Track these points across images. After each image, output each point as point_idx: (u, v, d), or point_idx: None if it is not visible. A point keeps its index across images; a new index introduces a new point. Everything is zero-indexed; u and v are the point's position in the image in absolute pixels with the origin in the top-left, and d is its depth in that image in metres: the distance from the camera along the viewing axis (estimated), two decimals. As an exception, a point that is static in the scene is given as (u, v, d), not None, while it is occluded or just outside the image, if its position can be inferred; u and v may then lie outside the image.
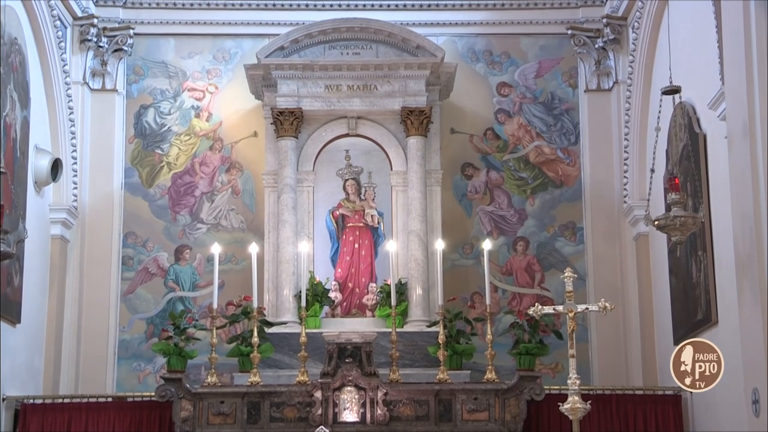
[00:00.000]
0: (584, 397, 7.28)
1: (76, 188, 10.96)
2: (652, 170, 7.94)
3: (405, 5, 11.63)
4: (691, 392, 9.44)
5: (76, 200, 10.96)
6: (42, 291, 10.42)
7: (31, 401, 9.59)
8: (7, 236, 7.68)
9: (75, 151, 10.96)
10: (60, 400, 9.73)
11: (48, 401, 9.68)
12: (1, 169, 8.19)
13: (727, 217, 7.91)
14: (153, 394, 9.51)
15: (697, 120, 8.90)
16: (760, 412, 7.17)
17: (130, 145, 11.49)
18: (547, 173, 11.53)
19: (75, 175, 10.97)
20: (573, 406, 6.93)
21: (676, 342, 9.70)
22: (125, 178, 11.42)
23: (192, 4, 11.66)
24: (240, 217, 11.43)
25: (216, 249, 9.82)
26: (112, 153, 11.35)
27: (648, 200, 8.02)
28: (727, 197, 7.84)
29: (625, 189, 11.01)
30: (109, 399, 9.86)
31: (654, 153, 8.06)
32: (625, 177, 11.01)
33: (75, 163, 10.96)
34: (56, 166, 10.39)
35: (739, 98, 7.24)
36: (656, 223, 7.34)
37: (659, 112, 8.13)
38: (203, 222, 11.40)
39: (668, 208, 7.37)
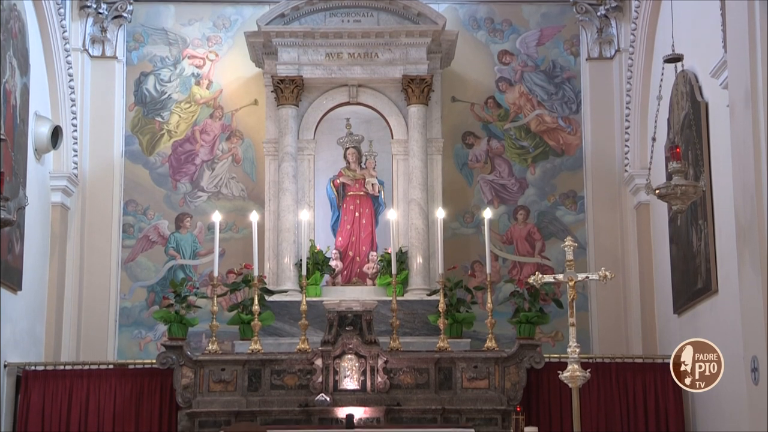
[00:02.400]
0: (584, 366, 7.30)
1: (76, 156, 10.94)
2: (654, 139, 7.91)
3: (406, -28, 11.54)
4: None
5: (76, 168, 10.94)
6: (43, 258, 10.43)
7: (33, 368, 9.63)
8: (7, 203, 7.68)
9: (75, 118, 10.93)
10: (61, 367, 9.77)
11: (50, 368, 9.72)
12: (2, 136, 8.17)
13: (728, 185, 7.90)
14: (154, 361, 9.55)
15: (699, 88, 8.86)
16: (759, 380, 7.20)
17: (131, 113, 11.46)
18: (548, 142, 11.50)
19: (75, 143, 10.94)
20: (572, 374, 6.95)
21: (676, 310, 9.73)
22: (125, 146, 11.40)
23: (192, -29, 11.59)
24: (240, 185, 11.41)
25: (216, 217, 9.83)
26: (113, 120, 11.32)
27: (649, 169, 8.01)
28: (728, 166, 7.83)
29: (626, 158, 10.99)
30: (111, 366, 9.90)
31: (655, 121, 8.03)
32: (626, 146, 10.98)
33: (75, 130, 10.94)
34: (56, 134, 10.37)
35: (742, 66, 7.20)
36: (657, 191, 7.33)
37: (661, 80, 8.08)
38: (204, 190, 11.39)
39: (669, 177, 7.36)
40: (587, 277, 7.58)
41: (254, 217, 9.78)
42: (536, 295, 9.59)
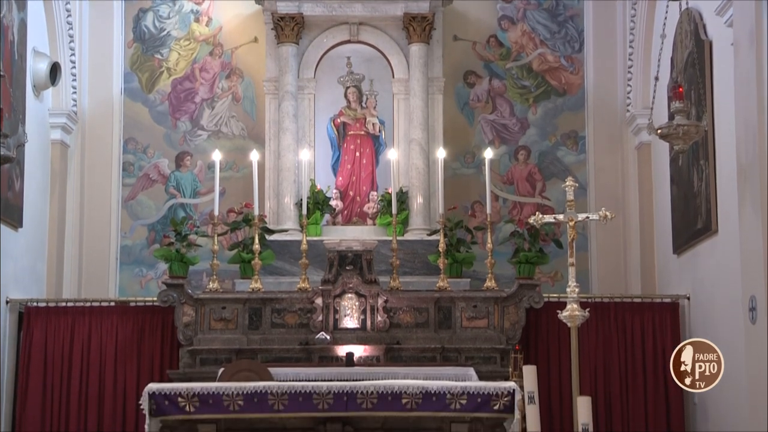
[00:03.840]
0: (583, 305, 7.31)
1: (75, 93, 10.88)
2: (657, 78, 7.85)
3: None
4: (688, 299, 9.57)
5: (75, 105, 10.89)
6: (43, 196, 10.43)
7: (35, 304, 9.69)
8: (6, 140, 7.66)
9: (73, 55, 10.84)
10: (63, 304, 9.83)
11: (51, 305, 9.78)
12: (0, 72, 8.11)
13: (730, 125, 7.87)
14: (155, 299, 9.60)
15: (704, 27, 8.77)
16: (756, 319, 7.25)
17: (129, 50, 11.36)
18: (550, 81, 11.42)
19: (74, 80, 10.87)
20: (571, 313, 6.96)
21: (676, 251, 9.76)
22: (125, 84, 11.32)
23: None
24: (240, 124, 11.36)
25: (217, 156, 9.81)
26: (111, 57, 11.22)
27: (651, 109, 7.94)
28: (731, 105, 7.78)
29: (628, 97, 10.93)
30: (112, 303, 9.96)
31: (659, 60, 7.98)
32: (628, 85, 10.91)
33: (74, 67, 10.85)
34: (55, 70, 10.29)
35: (747, 4, 7.13)
36: (659, 131, 7.30)
37: (665, 18, 7.99)
38: (204, 129, 11.34)
39: (671, 117, 7.33)
40: (587, 218, 7.57)
41: (254, 156, 9.75)
42: (536, 235, 9.60)
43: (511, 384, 5.79)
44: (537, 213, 7.58)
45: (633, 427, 9.49)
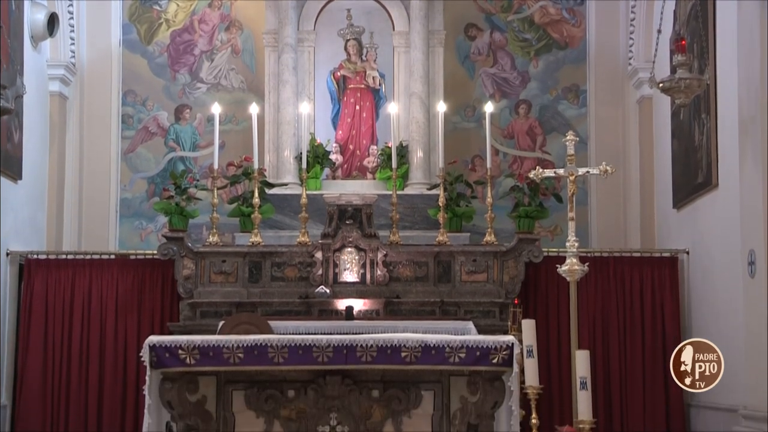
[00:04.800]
0: (582, 260, 7.34)
1: (73, 44, 10.79)
2: (659, 31, 7.80)
3: None
4: (687, 254, 9.58)
5: (73, 56, 10.81)
6: (42, 148, 10.40)
7: (35, 257, 9.71)
8: (5, 91, 7.61)
9: (71, 5, 10.73)
10: (63, 257, 9.85)
11: (52, 257, 9.79)
12: (-3, 23, 8.06)
13: (732, 78, 7.82)
14: (155, 252, 9.62)
15: (707, -21, 8.69)
16: (755, 274, 7.27)
17: (128, 1, 11.25)
18: (552, 34, 11.33)
19: (72, 31, 10.78)
20: (571, 267, 6.99)
21: (675, 205, 9.75)
22: (123, 35, 11.22)
23: None
24: (240, 76, 11.29)
25: (216, 109, 9.76)
26: (110, 8, 11.11)
27: (653, 62, 7.89)
28: (733, 59, 7.73)
29: (630, 51, 10.85)
30: (112, 256, 9.98)
31: (661, 13, 7.90)
32: (630, 38, 10.82)
33: (72, 18, 10.75)
34: (52, 21, 10.20)
35: (752, -44, 7.06)
36: (661, 85, 7.26)
37: (668, -30, 7.93)
38: (203, 81, 11.27)
39: (673, 70, 7.28)
40: (588, 172, 7.57)
41: (254, 109, 9.71)
42: (536, 189, 9.59)
43: (509, 338, 5.80)
44: (537, 167, 7.59)
45: (631, 380, 9.55)
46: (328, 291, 9.09)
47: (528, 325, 5.86)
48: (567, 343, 8.35)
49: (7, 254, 9.48)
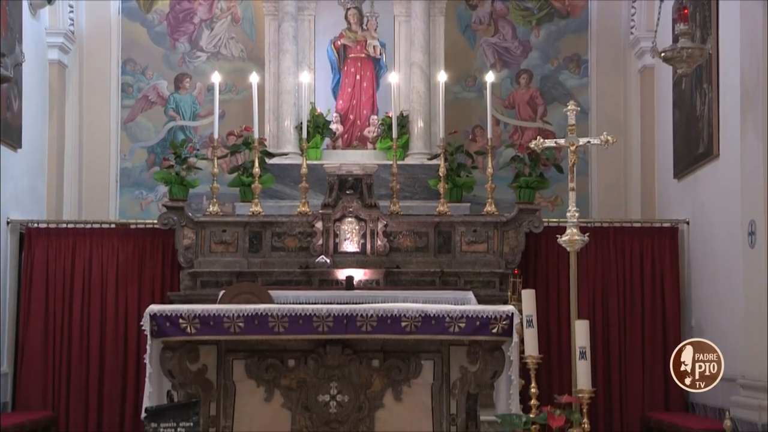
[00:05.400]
0: (582, 230, 7.33)
1: (72, 12, 10.72)
2: (661, 0, 7.74)
3: None
4: (687, 224, 9.58)
5: (72, 24, 10.74)
6: (42, 117, 10.37)
7: (36, 225, 9.71)
8: (4, 59, 7.58)
9: (69, -29, 10.69)
10: (64, 225, 9.85)
11: (52, 226, 9.80)
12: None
13: (734, 48, 7.78)
14: (155, 222, 9.62)
15: (710, -53, 8.62)
16: (755, 243, 7.27)
17: (127, -32, 11.19)
18: (554, 3, 11.25)
19: (71, -2, 10.73)
20: (571, 238, 6.98)
21: (676, 175, 9.74)
22: (122, 3, 11.13)
23: None
24: (240, 45, 11.23)
25: (216, 78, 9.73)
26: (109, -25, 11.06)
27: (655, 31, 7.84)
28: (736, 27, 7.69)
29: (632, 20, 10.78)
30: (113, 226, 9.98)
31: (664, -19, 7.84)
32: (633, 7, 10.75)
33: (70, -16, 10.71)
34: (51, -11, 10.14)
35: None
36: (663, 54, 7.22)
37: (672, -62, 7.87)
38: (203, 50, 11.22)
39: (675, 40, 7.24)
40: (589, 142, 7.54)
41: (254, 78, 9.67)
42: (537, 159, 9.57)
43: (509, 308, 5.81)
44: (538, 137, 7.56)
45: (630, 350, 9.59)
46: (328, 261, 9.10)
47: (528, 295, 5.87)
48: (567, 313, 8.37)
49: (8, 223, 9.49)
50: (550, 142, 7.60)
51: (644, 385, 9.52)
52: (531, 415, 5.48)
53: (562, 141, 7.43)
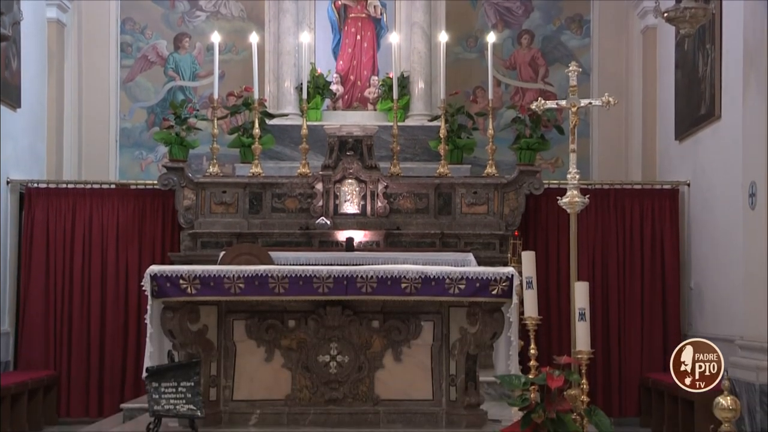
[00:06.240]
0: (583, 192, 7.31)
1: (70, -31, 10.66)
2: (665, -41, 7.67)
3: None
4: (688, 186, 9.57)
5: (71, -18, 10.68)
6: (41, 76, 10.31)
7: (36, 185, 9.71)
8: (2, 18, 7.52)
9: (68, -70, 10.58)
10: (64, 186, 9.84)
11: (52, 186, 9.79)
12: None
13: (738, 8, 7.72)
14: (156, 182, 9.62)
15: None
16: (756, 205, 7.27)
17: (126, -74, 11.07)
18: (556, -37, 11.16)
19: (69, -44, 10.64)
20: (571, 200, 6.95)
21: (678, 137, 9.71)
22: (121, -40, 11.06)
23: None
24: (240, 5, 11.14)
25: (216, 38, 9.67)
26: (107, -68, 10.95)
27: (658, -9, 7.78)
28: (740, -13, 7.62)
29: (635, -21, 10.71)
30: (113, 186, 9.98)
31: (667, -59, 7.75)
32: (636, -34, 10.68)
33: (69, -58, 10.61)
34: (49, -54, 10.06)
35: None
36: (665, 15, 7.17)
37: None
38: (202, 9, 11.13)
39: (678, 0, 7.17)
40: (590, 103, 7.49)
41: (254, 38, 9.61)
42: (538, 121, 9.54)
43: (509, 269, 5.82)
44: (539, 98, 7.50)
45: (630, 311, 9.62)
46: (328, 222, 9.10)
47: (528, 257, 5.86)
48: (566, 274, 8.37)
49: (8, 182, 9.48)
50: (551, 104, 7.55)
51: (643, 346, 9.57)
52: (530, 376, 5.50)
53: (563, 102, 7.37)
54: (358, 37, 10.62)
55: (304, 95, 9.78)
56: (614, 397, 9.58)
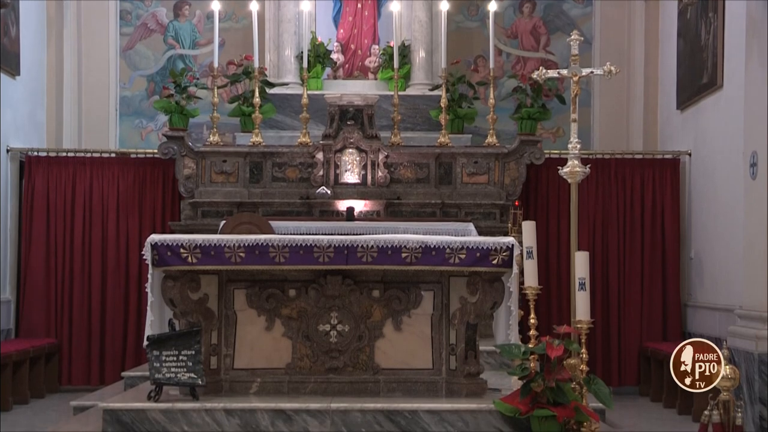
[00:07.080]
0: (584, 161, 7.30)
1: (69, -64, 10.57)
2: (669, -73, 7.61)
3: None
4: (689, 155, 9.55)
5: (69, -52, 10.59)
6: (40, 44, 10.26)
7: (36, 154, 9.69)
8: (0, -16, 7.48)
9: None
10: (64, 154, 9.83)
11: (52, 154, 9.78)
12: None
13: (742, -23, 7.67)
14: (156, 151, 9.60)
15: None
16: (757, 175, 7.26)
17: None
18: (559, -70, 11.07)
19: None
20: (572, 169, 6.95)
21: (679, 106, 9.68)
22: (120, -73, 10.96)
23: None
24: (240, -29, 11.07)
25: (216, 6, 9.61)
26: None
27: (662, -40, 7.73)
28: (743, -44, 7.57)
29: (638, -53, 10.62)
30: (113, 155, 9.97)
31: None
32: (639, -67, 10.60)
33: None
34: None
35: None
36: (669, -17, 7.12)
37: None
38: (202, -24, 11.06)
39: (682, -32, 7.13)
40: (592, 72, 7.46)
41: (254, 6, 9.56)
42: (539, 90, 9.51)
43: (509, 239, 5.82)
44: (540, 68, 7.47)
45: (629, 281, 9.65)
46: (329, 192, 9.10)
47: (528, 227, 5.87)
48: (567, 244, 8.39)
49: (8, 151, 9.46)
50: (552, 73, 7.52)
51: (642, 316, 9.61)
52: (530, 345, 5.52)
53: (564, 71, 7.35)
54: (359, 5, 10.57)
55: (305, 64, 9.74)
56: (613, 367, 9.62)
